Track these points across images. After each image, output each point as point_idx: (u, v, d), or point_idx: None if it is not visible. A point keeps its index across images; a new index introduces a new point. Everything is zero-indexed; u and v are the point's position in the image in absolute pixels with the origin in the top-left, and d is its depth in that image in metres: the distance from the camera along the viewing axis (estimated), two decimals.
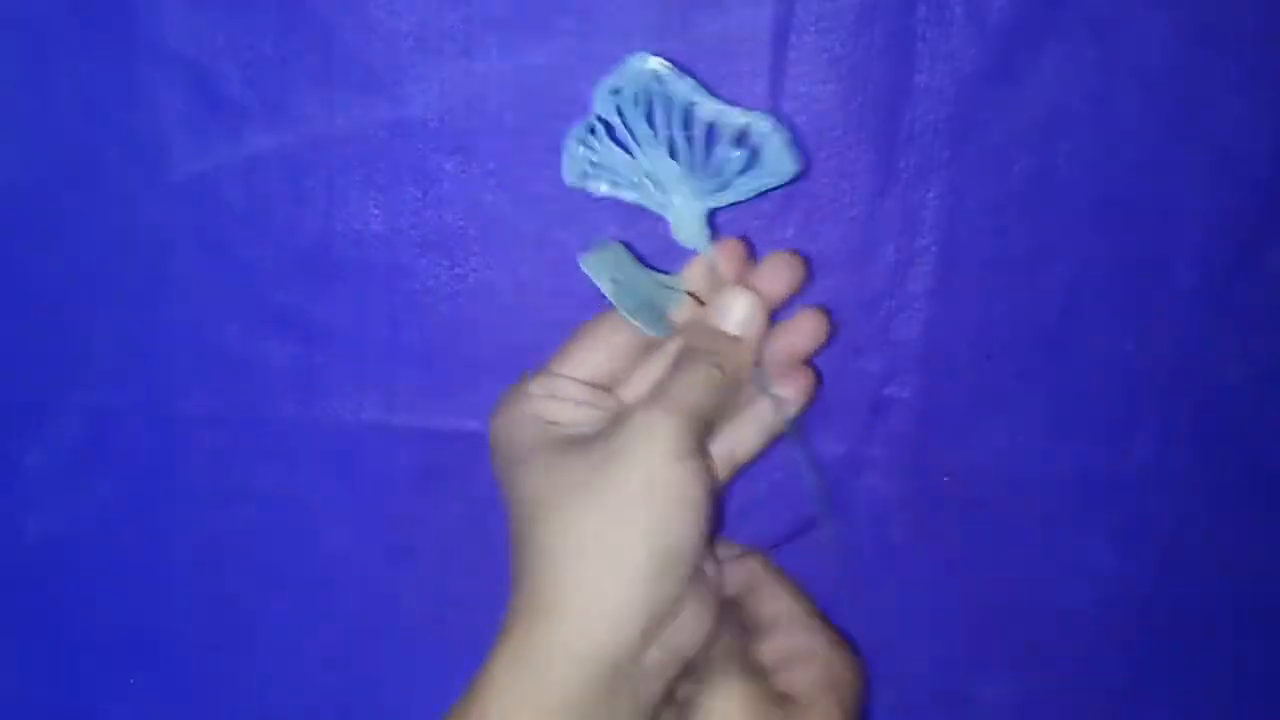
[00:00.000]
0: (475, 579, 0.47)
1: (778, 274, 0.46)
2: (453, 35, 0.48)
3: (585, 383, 0.45)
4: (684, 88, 0.43)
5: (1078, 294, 0.51)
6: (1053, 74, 0.49)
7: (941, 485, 0.53)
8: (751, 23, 0.48)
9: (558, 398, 0.44)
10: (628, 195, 0.44)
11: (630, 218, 0.49)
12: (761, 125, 0.43)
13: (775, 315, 0.46)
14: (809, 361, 0.47)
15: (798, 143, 0.43)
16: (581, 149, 0.43)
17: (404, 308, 0.50)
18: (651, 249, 0.48)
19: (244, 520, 0.52)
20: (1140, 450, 0.52)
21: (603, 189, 0.44)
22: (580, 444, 0.42)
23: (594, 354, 0.45)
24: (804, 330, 0.46)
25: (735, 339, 0.44)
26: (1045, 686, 0.53)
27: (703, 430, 0.42)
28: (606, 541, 0.40)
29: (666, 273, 0.46)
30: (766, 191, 0.44)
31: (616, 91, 0.43)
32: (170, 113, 0.48)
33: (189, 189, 0.49)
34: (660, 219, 0.45)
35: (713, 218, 0.45)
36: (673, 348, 0.45)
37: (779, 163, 0.43)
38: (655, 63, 0.42)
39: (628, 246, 0.46)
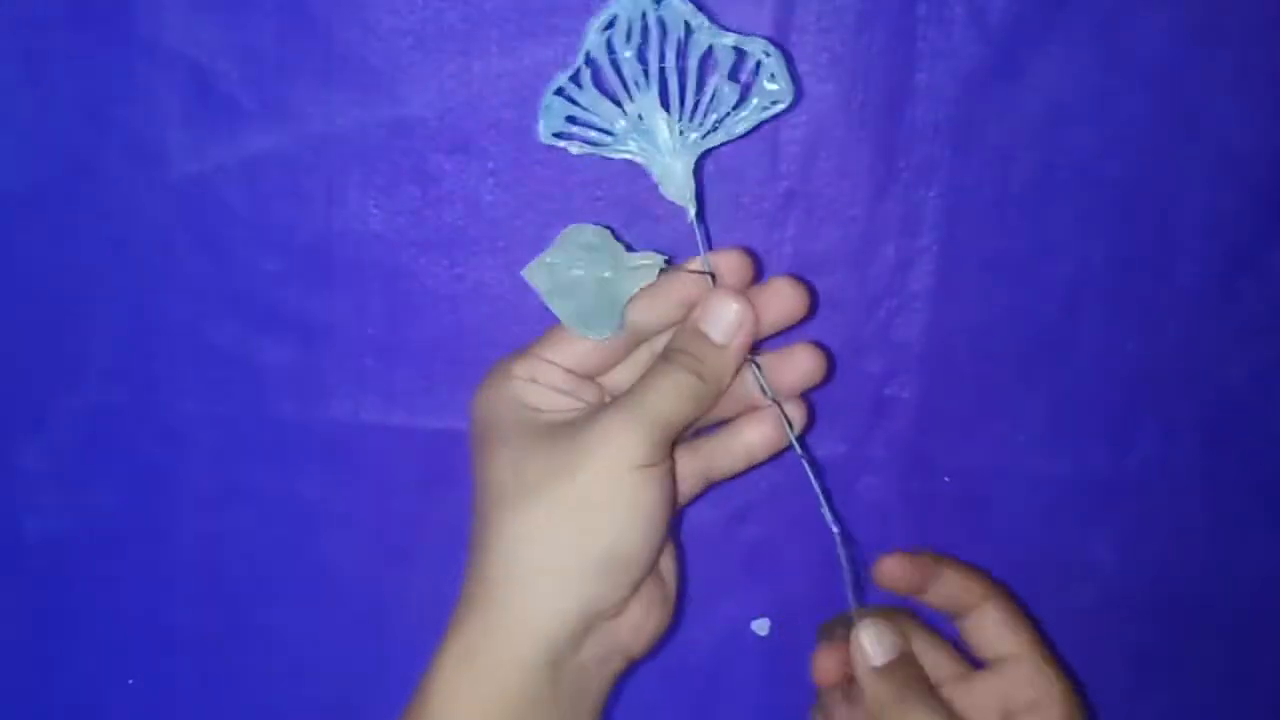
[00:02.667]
0: None
1: (778, 297, 0.45)
2: (453, 35, 0.48)
3: (568, 369, 0.45)
4: (683, 7, 0.42)
5: (1078, 294, 0.51)
6: (1054, 73, 0.49)
7: (941, 485, 0.53)
8: (751, 23, 0.47)
9: (539, 382, 0.44)
10: (607, 152, 0.44)
11: (631, 217, 0.49)
12: (755, 46, 0.42)
13: (772, 343, 0.46)
14: (802, 395, 0.47)
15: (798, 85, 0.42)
16: (559, 102, 0.43)
17: (404, 308, 0.50)
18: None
19: (244, 520, 0.52)
20: (1140, 450, 0.52)
21: (575, 149, 0.43)
22: (553, 433, 0.42)
23: (579, 342, 0.45)
24: (799, 364, 0.46)
25: (719, 347, 0.43)
26: None
27: (670, 437, 0.42)
28: (557, 539, 0.41)
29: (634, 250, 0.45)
30: (758, 126, 0.43)
31: (609, 25, 0.42)
32: (170, 113, 0.48)
33: (188, 189, 0.49)
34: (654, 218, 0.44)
35: (703, 197, 0.44)
36: (659, 344, 0.45)
37: (777, 88, 0.42)
38: None
39: (612, 231, 0.45)
